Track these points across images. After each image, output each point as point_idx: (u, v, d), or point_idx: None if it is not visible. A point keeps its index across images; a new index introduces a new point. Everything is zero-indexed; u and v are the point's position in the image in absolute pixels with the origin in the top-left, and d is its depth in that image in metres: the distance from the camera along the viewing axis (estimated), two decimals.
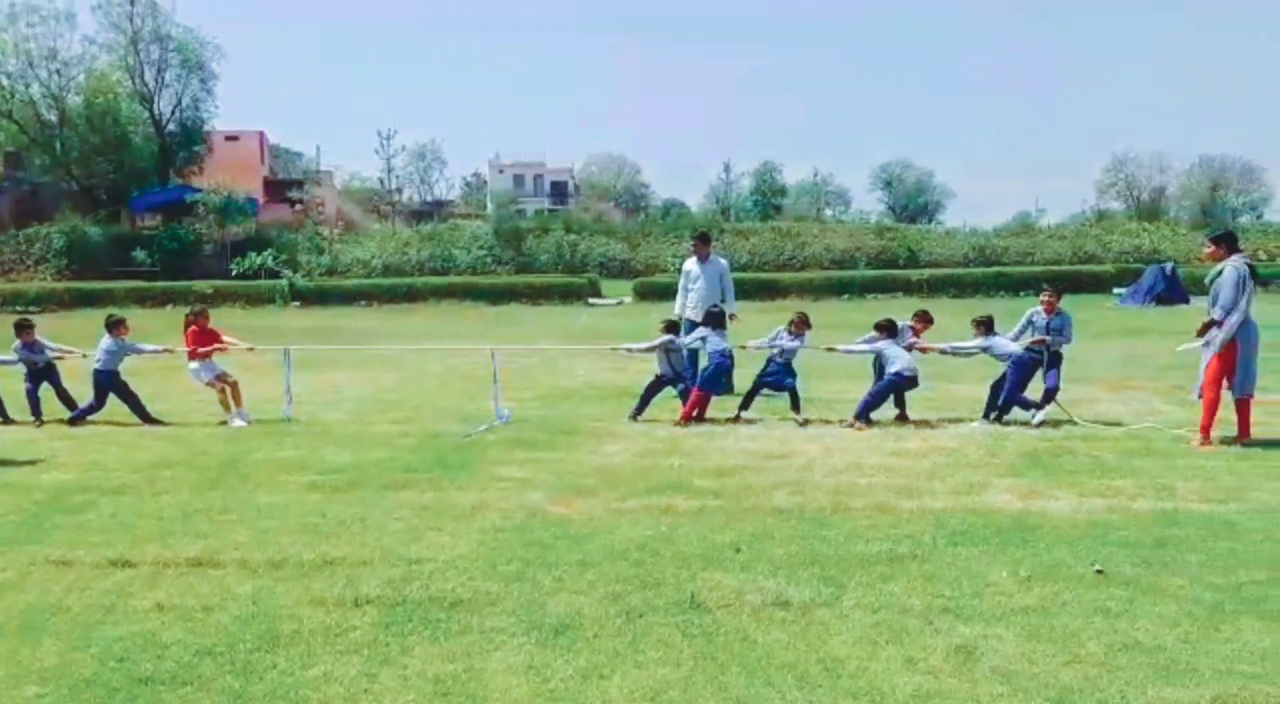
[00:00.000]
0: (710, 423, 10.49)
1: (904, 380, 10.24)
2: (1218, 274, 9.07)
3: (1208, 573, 5.53)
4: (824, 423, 10.37)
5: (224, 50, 60.07)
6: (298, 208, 58.20)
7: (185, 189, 49.21)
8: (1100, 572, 5.56)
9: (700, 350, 10.98)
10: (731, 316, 12.49)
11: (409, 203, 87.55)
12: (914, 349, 10.65)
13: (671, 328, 11.10)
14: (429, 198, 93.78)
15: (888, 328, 10.67)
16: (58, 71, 51.22)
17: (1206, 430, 8.99)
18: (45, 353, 11.54)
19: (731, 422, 10.47)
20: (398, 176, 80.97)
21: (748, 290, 29.51)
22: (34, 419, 11.05)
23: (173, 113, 54.82)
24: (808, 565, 5.75)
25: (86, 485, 7.99)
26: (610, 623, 4.90)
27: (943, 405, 11.29)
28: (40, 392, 11.28)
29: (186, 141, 55.54)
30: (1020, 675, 4.27)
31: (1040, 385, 10.27)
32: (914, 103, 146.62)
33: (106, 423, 10.94)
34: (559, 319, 28.70)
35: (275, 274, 39.13)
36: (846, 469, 8.21)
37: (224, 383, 11.14)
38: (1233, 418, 9.09)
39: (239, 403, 11.12)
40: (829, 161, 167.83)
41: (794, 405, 10.69)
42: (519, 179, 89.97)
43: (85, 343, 12.13)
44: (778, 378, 10.76)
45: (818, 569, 5.68)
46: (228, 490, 7.78)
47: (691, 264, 12.73)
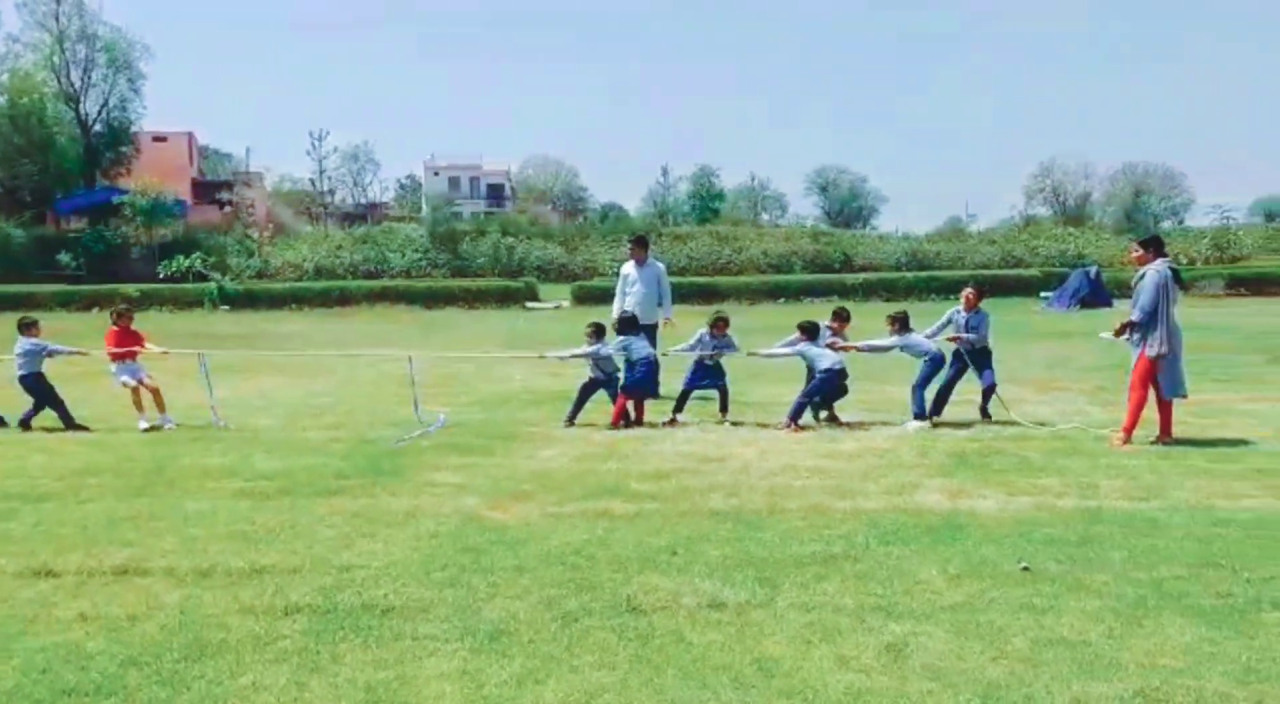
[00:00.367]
0: (647, 426, 10.51)
1: (834, 376, 10.35)
2: (1141, 277, 9.35)
3: (1130, 569, 5.67)
4: (759, 426, 10.44)
5: (152, 50, 59.29)
6: (227, 210, 57.16)
7: (112, 191, 48.22)
8: (1026, 569, 5.68)
9: (625, 356, 10.80)
10: (667, 321, 12.55)
11: (342, 205, 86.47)
12: (835, 349, 10.75)
13: (599, 331, 11.04)
14: (362, 200, 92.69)
15: (809, 330, 10.76)
16: None
17: (1129, 430, 9.22)
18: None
19: (667, 425, 10.51)
20: (330, 178, 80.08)
21: (686, 294, 29.68)
22: None
23: (99, 113, 53.69)
24: (743, 567, 5.79)
25: (8, 493, 7.78)
26: (546, 628, 4.89)
27: (876, 407, 11.44)
28: None
29: (113, 142, 54.42)
30: (949, 672, 4.34)
31: (974, 387, 10.46)
32: (848, 109, 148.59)
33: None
34: (496, 323, 28.57)
35: (204, 277, 38.49)
36: (782, 471, 8.28)
37: (145, 387, 10.89)
38: (1157, 418, 9.34)
39: (161, 409, 10.88)
40: (765, 166, 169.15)
41: (723, 406, 10.77)
42: (454, 181, 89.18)
43: (2, 348, 11.81)
44: (710, 380, 10.84)
45: (753, 570, 5.72)
46: (154, 498, 7.60)
47: (629, 268, 12.74)
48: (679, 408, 10.82)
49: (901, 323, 10.71)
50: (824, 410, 10.72)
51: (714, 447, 9.36)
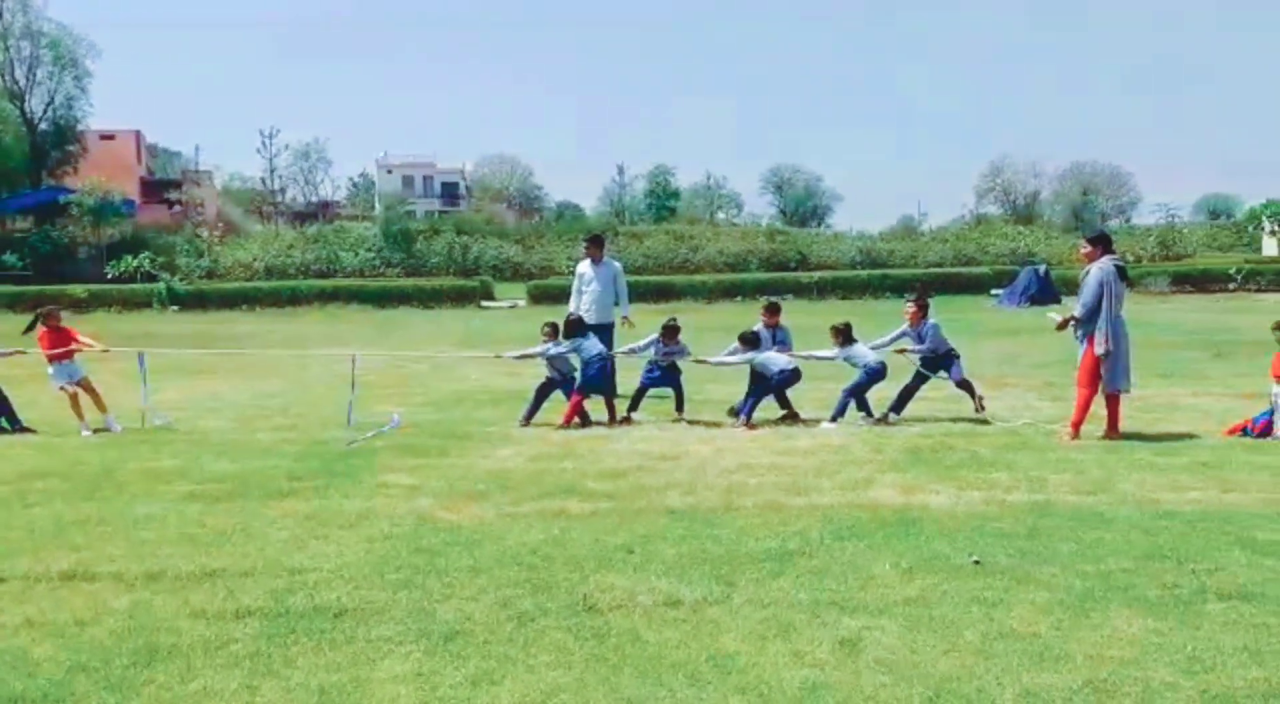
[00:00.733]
0: (602, 425, 10.51)
1: (787, 377, 10.45)
2: (1086, 274, 9.51)
3: (1079, 562, 5.76)
4: (715, 425, 10.48)
5: (99, 47, 58.04)
6: (176, 209, 56.42)
7: (58, 190, 47.39)
8: (978, 562, 5.75)
9: (578, 356, 10.77)
10: (625, 319, 12.55)
11: (293, 204, 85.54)
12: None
13: (556, 330, 10.99)
14: (314, 198, 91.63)
15: (751, 340, 10.82)
16: None
17: (1078, 425, 9.37)
18: None
19: (622, 423, 10.51)
20: (281, 177, 79.35)
21: (643, 293, 29.70)
22: None
23: (45, 111, 52.69)
24: (699, 564, 5.81)
25: None
26: (501, 628, 4.87)
27: (832, 404, 11.49)
28: None
29: (59, 141, 53.46)
30: (902, 665, 4.38)
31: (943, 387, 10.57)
32: (805, 107, 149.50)
33: None
34: (451, 322, 28.39)
35: (152, 277, 37.90)
36: (737, 469, 8.32)
37: (82, 389, 10.68)
38: (1104, 413, 9.49)
39: (103, 409, 10.68)
40: (721, 165, 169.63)
41: (678, 405, 10.82)
42: (408, 180, 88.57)
43: None
44: (665, 378, 10.88)
45: (709, 568, 5.74)
46: (103, 501, 7.47)
47: (585, 267, 12.71)
48: (634, 406, 10.83)
49: (844, 335, 10.75)
50: (783, 409, 10.80)
51: (670, 445, 9.38)
